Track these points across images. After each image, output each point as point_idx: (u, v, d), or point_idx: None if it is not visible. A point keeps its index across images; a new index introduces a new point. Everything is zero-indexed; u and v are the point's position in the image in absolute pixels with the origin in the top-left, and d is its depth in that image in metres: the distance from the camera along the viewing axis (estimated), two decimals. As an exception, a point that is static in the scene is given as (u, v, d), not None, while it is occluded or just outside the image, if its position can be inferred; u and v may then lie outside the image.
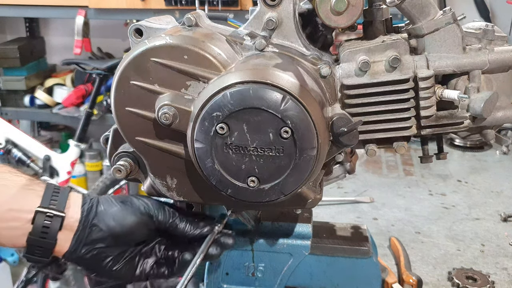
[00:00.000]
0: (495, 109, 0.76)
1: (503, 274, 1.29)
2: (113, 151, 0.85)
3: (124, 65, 0.74)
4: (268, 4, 0.77)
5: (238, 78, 0.69)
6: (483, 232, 1.50)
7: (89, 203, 0.82)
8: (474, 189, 1.79)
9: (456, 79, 0.77)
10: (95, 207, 0.82)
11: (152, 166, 0.81)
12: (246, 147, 0.69)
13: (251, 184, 0.71)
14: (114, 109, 0.77)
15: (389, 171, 1.95)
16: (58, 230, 0.79)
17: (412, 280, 1.20)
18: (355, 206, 1.68)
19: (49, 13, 3.46)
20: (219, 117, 0.68)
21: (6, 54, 3.52)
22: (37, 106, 3.63)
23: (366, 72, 0.75)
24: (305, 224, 0.95)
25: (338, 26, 0.75)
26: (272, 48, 0.78)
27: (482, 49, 0.77)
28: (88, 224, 0.81)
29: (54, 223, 0.78)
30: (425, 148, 0.84)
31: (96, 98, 3.18)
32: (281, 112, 0.67)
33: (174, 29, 0.78)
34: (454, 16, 0.76)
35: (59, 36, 3.93)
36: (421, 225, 1.54)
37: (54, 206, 0.79)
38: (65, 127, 4.06)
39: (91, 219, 0.81)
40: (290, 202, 0.77)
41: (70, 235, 0.80)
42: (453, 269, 1.29)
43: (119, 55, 3.65)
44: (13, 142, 2.99)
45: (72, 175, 3.16)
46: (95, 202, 0.83)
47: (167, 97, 0.73)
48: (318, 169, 0.74)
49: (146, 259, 0.87)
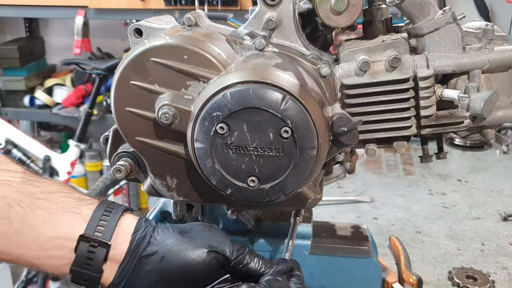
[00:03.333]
0: (495, 109, 0.76)
1: (503, 274, 1.29)
2: (113, 151, 0.85)
3: (124, 65, 0.74)
4: (268, 4, 0.77)
5: (238, 78, 0.69)
6: (483, 231, 1.50)
7: (142, 231, 0.72)
8: (474, 189, 1.79)
9: (456, 79, 0.77)
10: (149, 236, 0.72)
11: (152, 166, 0.81)
12: (246, 147, 0.69)
13: (251, 184, 0.71)
14: (114, 109, 0.77)
15: (389, 171, 1.95)
16: (103, 261, 0.70)
17: (412, 280, 1.20)
18: (355, 205, 1.68)
19: (48, 13, 3.45)
20: (219, 117, 0.68)
21: (6, 55, 3.52)
22: (37, 106, 3.63)
23: (366, 72, 0.75)
24: (305, 224, 0.95)
25: (338, 25, 0.75)
26: (272, 48, 0.78)
27: (482, 49, 0.77)
28: (137, 256, 0.70)
29: (99, 253, 0.69)
30: (425, 147, 0.84)
31: (96, 98, 3.18)
32: (281, 112, 0.67)
33: (174, 29, 0.78)
34: (454, 16, 0.76)
35: (58, 36, 3.93)
36: (421, 225, 1.54)
37: (100, 233, 0.70)
38: (65, 127, 4.06)
39: (141, 251, 0.71)
40: (290, 202, 0.77)
41: (116, 267, 0.71)
42: (453, 268, 1.29)
43: (119, 55, 3.65)
44: (13, 142, 2.99)
45: (72, 175, 3.16)
46: (150, 230, 0.73)
47: (167, 97, 0.73)
48: (318, 169, 0.74)
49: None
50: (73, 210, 0.71)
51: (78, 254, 0.69)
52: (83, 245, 0.69)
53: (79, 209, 0.72)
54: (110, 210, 0.73)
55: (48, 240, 0.69)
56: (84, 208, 0.72)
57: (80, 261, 0.70)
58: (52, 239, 0.70)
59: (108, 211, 0.72)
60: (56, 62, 3.88)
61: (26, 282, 2.80)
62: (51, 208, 0.70)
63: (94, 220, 0.71)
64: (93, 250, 0.69)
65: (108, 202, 0.75)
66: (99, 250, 0.69)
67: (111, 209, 0.73)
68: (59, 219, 0.70)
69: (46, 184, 0.73)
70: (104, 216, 0.72)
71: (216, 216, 0.96)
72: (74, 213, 0.71)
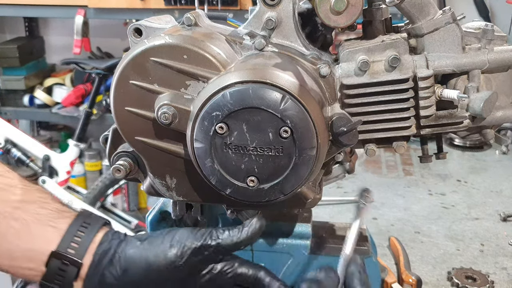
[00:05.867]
0: (494, 109, 0.76)
1: (502, 274, 1.29)
2: (113, 151, 0.85)
3: (124, 65, 0.74)
4: (268, 4, 0.77)
5: (238, 78, 0.69)
6: (483, 231, 1.50)
7: (107, 244, 0.70)
8: (474, 189, 1.79)
9: (455, 79, 0.77)
10: (113, 249, 0.69)
11: (151, 166, 0.81)
12: (245, 146, 0.69)
13: (251, 183, 0.71)
14: (114, 109, 0.77)
15: (388, 171, 1.95)
16: (73, 279, 0.68)
17: (411, 280, 1.20)
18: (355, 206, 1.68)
19: (48, 12, 3.45)
20: (219, 116, 0.68)
21: (6, 54, 3.52)
22: (37, 106, 3.64)
23: (365, 72, 0.75)
24: (304, 224, 0.95)
25: (337, 25, 0.75)
26: (272, 48, 0.78)
27: (482, 49, 0.76)
28: (100, 270, 0.68)
29: (70, 271, 0.67)
30: (424, 147, 0.84)
31: (96, 98, 3.18)
32: (280, 112, 0.67)
33: (174, 28, 0.78)
34: (454, 16, 0.76)
35: (58, 36, 3.93)
36: (420, 225, 1.54)
37: (73, 250, 0.68)
38: (65, 127, 4.06)
39: (104, 265, 0.68)
40: (290, 202, 0.77)
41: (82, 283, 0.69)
42: (453, 268, 1.29)
43: (118, 54, 3.65)
44: (12, 141, 2.99)
45: (71, 175, 3.16)
46: (115, 244, 0.70)
47: (166, 96, 0.73)
48: (317, 169, 0.74)
49: None
50: (48, 223, 0.69)
51: (49, 270, 0.68)
52: (54, 261, 0.68)
53: (55, 222, 0.70)
54: (87, 226, 0.70)
55: (20, 252, 0.68)
56: (60, 222, 0.70)
57: (50, 277, 0.68)
58: (25, 251, 0.68)
59: (84, 227, 0.70)
60: (55, 61, 3.88)
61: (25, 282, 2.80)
62: (27, 219, 0.68)
63: (69, 235, 0.69)
64: (65, 268, 0.68)
65: (86, 216, 0.72)
66: (70, 268, 0.68)
67: (87, 224, 0.71)
68: (34, 232, 0.68)
69: (25, 191, 0.71)
70: (79, 232, 0.69)
71: (215, 216, 0.96)
72: (50, 227, 0.69)
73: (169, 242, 0.71)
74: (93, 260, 0.69)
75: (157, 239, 0.71)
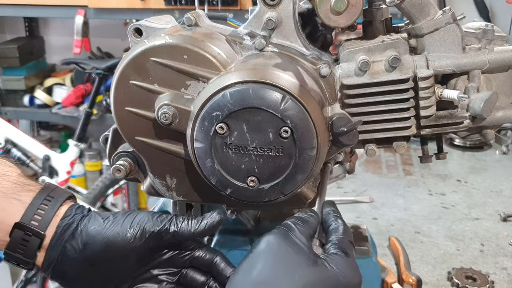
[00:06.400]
0: (494, 109, 0.76)
1: (502, 274, 1.29)
2: (113, 151, 0.85)
3: (124, 65, 0.74)
4: (268, 4, 0.77)
5: (238, 78, 0.69)
6: (483, 231, 1.50)
7: (70, 218, 0.72)
8: (474, 189, 1.79)
9: (455, 79, 0.77)
10: (75, 223, 0.72)
11: (151, 166, 0.81)
12: (245, 147, 0.69)
13: (251, 184, 0.71)
14: (114, 109, 0.77)
15: (388, 171, 1.95)
16: (37, 249, 0.70)
17: (411, 280, 1.20)
18: (355, 206, 1.68)
19: (48, 12, 3.45)
20: (219, 116, 0.68)
21: (6, 54, 3.51)
22: (37, 106, 3.63)
23: (365, 72, 0.75)
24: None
25: (337, 26, 0.75)
26: (272, 48, 0.78)
27: (482, 49, 0.76)
28: (62, 243, 0.71)
29: (33, 242, 0.70)
30: (424, 148, 0.84)
31: (96, 98, 3.18)
32: (280, 112, 0.67)
33: (174, 28, 0.78)
34: (454, 16, 0.76)
35: (58, 36, 3.93)
36: (420, 225, 1.55)
37: (36, 222, 0.70)
38: (65, 127, 4.06)
39: (66, 238, 0.71)
40: (290, 202, 0.77)
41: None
42: (453, 268, 1.29)
43: (118, 54, 3.65)
44: (12, 141, 2.99)
45: (71, 175, 3.16)
46: (78, 218, 0.73)
47: (166, 96, 0.73)
48: (317, 169, 0.74)
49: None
50: (13, 195, 0.71)
51: (12, 239, 0.70)
52: (18, 232, 0.70)
53: (19, 195, 0.71)
54: (50, 199, 0.72)
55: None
56: (24, 195, 0.71)
57: (14, 247, 0.70)
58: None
59: (47, 200, 0.72)
60: (56, 61, 3.88)
61: (25, 282, 2.80)
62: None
63: (32, 208, 0.71)
64: (28, 238, 0.70)
65: (50, 189, 0.74)
66: (33, 239, 0.70)
67: (51, 197, 0.72)
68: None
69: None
70: (43, 205, 0.71)
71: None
72: (14, 199, 0.71)
73: (129, 223, 0.73)
74: (56, 232, 0.71)
75: (119, 219, 0.74)
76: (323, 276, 0.64)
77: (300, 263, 0.64)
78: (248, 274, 0.64)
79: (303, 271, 0.63)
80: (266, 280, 0.63)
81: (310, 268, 0.64)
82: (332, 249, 0.68)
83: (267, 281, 0.63)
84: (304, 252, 0.65)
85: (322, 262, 0.65)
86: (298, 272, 0.63)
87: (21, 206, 0.71)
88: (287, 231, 0.68)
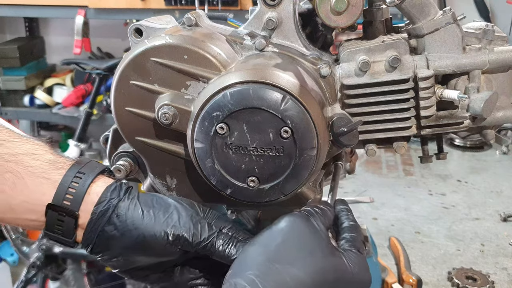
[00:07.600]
0: (495, 109, 0.76)
1: (502, 274, 1.29)
2: (113, 151, 0.85)
3: (124, 65, 0.74)
4: (268, 4, 0.77)
5: (238, 78, 0.69)
6: (483, 232, 1.50)
7: (105, 204, 0.69)
8: (474, 189, 1.79)
9: (456, 79, 0.77)
10: (111, 210, 0.69)
11: (151, 166, 0.81)
12: (246, 147, 0.69)
13: (251, 184, 0.71)
14: (114, 109, 0.77)
15: (389, 171, 1.95)
16: (74, 228, 0.69)
17: (412, 280, 1.20)
18: (355, 206, 1.68)
19: (48, 13, 3.45)
20: (219, 117, 0.68)
21: (6, 54, 3.51)
22: (37, 106, 3.63)
23: (366, 72, 0.75)
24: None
25: (338, 26, 0.75)
26: (272, 48, 0.78)
27: (482, 49, 0.77)
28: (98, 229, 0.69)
29: (68, 222, 0.69)
30: (425, 148, 0.84)
31: (96, 98, 3.18)
32: (281, 112, 0.67)
33: (174, 28, 0.78)
34: (454, 16, 0.76)
35: (58, 36, 3.93)
36: (420, 225, 1.55)
37: (68, 202, 0.68)
38: (65, 127, 4.06)
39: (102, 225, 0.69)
40: (290, 202, 0.77)
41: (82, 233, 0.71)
42: (453, 269, 1.29)
43: (119, 55, 3.65)
44: (12, 142, 2.98)
45: (71, 175, 3.15)
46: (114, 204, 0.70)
47: (167, 97, 0.73)
48: (318, 169, 0.74)
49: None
50: (42, 175, 0.69)
51: (48, 220, 0.69)
52: (52, 213, 0.68)
53: (48, 174, 0.69)
54: (81, 176, 0.70)
55: (19, 204, 0.68)
56: (54, 173, 0.69)
57: (51, 227, 0.69)
58: (22, 203, 0.68)
59: (78, 177, 0.70)
60: (56, 61, 3.88)
61: (25, 282, 2.80)
62: (20, 172, 0.68)
63: (63, 187, 0.69)
64: (62, 219, 0.69)
65: (81, 164, 0.71)
66: (67, 219, 0.69)
67: (82, 174, 0.70)
68: (28, 185, 0.68)
69: (18, 144, 0.70)
70: (73, 183, 0.69)
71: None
72: (44, 178, 0.69)
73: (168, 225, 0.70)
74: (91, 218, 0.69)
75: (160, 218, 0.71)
76: (336, 268, 0.64)
77: (319, 248, 0.65)
78: (265, 247, 0.64)
79: (319, 257, 0.63)
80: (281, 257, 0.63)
81: (327, 256, 0.64)
82: (347, 245, 0.68)
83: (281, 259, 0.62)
84: (323, 239, 0.66)
85: (339, 254, 0.66)
86: (315, 257, 0.63)
87: (51, 185, 0.69)
88: (308, 216, 0.68)
